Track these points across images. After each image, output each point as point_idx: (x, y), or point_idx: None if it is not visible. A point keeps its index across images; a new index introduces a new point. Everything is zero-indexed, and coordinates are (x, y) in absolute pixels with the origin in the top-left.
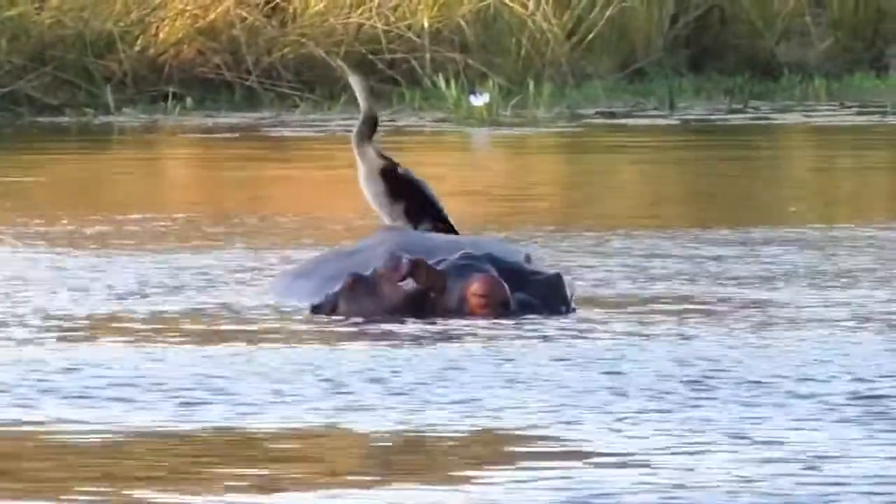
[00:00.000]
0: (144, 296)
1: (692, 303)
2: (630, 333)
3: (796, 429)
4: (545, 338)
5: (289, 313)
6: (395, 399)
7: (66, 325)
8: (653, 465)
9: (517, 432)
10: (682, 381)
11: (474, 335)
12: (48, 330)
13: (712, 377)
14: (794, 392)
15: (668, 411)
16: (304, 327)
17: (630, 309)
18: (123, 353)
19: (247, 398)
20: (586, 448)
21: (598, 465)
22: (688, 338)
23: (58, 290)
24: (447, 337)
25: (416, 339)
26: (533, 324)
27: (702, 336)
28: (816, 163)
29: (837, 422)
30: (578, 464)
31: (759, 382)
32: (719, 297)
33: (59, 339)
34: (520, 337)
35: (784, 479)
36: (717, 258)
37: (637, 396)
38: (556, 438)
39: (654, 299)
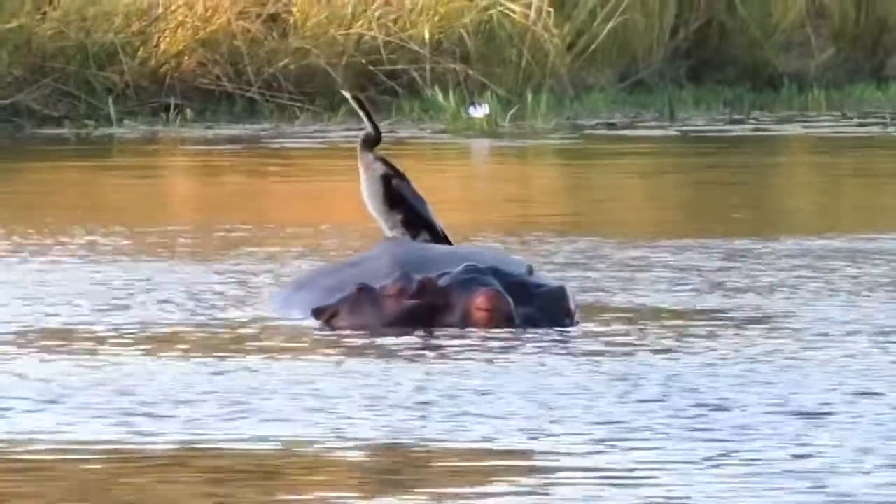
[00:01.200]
0: (143, 308)
1: (697, 314)
2: (635, 345)
3: (809, 443)
4: (547, 351)
5: (289, 325)
6: (393, 413)
7: (63, 337)
8: (653, 481)
9: (515, 447)
10: (690, 395)
11: (476, 349)
12: (44, 341)
13: (721, 391)
14: (809, 410)
15: (676, 427)
16: (304, 340)
17: (633, 320)
18: (123, 366)
19: (244, 412)
20: (587, 464)
21: (597, 479)
22: (694, 352)
23: (56, 302)
24: (448, 351)
25: (417, 353)
26: (536, 336)
27: (708, 349)
28: (817, 173)
29: (846, 442)
30: (578, 479)
31: (772, 397)
32: (724, 308)
33: (55, 350)
34: (522, 350)
35: (794, 496)
36: (720, 269)
37: (641, 411)
38: (557, 453)
39: (659, 310)
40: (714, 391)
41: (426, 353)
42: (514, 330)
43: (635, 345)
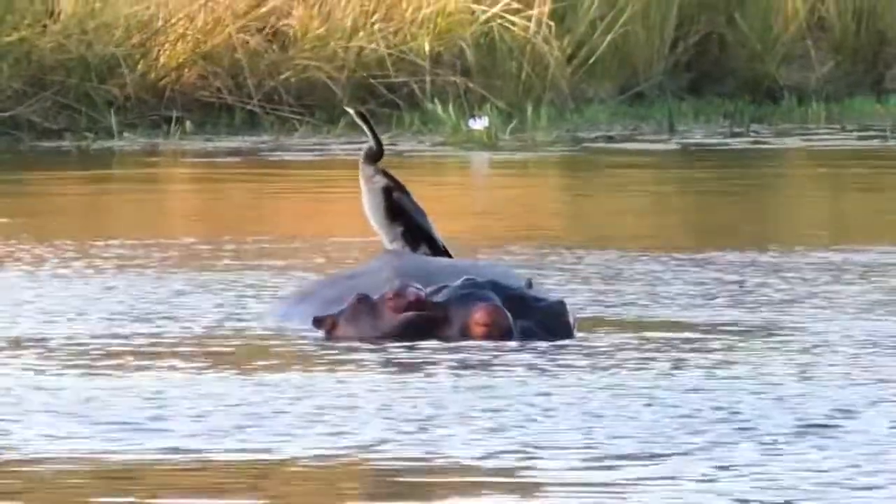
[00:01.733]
0: (144, 320)
1: (705, 327)
2: (636, 360)
3: (820, 457)
4: (548, 366)
5: (289, 337)
6: (392, 426)
7: (63, 349)
8: (657, 495)
9: (515, 462)
10: (696, 409)
11: (476, 362)
12: (45, 354)
13: (728, 405)
14: (821, 423)
15: (682, 441)
16: (304, 352)
17: (635, 335)
18: (122, 379)
19: (244, 424)
20: (587, 479)
21: (599, 494)
22: (702, 366)
23: (55, 314)
24: (447, 365)
25: (415, 367)
26: (535, 351)
27: (715, 363)
28: (819, 186)
29: (858, 457)
30: (579, 494)
31: (782, 411)
32: (729, 322)
33: (57, 363)
34: (522, 365)
35: None
36: (728, 282)
37: (644, 425)
38: (557, 469)
39: (660, 325)
40: (721, 404)
41: (424, 366)
42: (513, 343)
43: (641, 359)
